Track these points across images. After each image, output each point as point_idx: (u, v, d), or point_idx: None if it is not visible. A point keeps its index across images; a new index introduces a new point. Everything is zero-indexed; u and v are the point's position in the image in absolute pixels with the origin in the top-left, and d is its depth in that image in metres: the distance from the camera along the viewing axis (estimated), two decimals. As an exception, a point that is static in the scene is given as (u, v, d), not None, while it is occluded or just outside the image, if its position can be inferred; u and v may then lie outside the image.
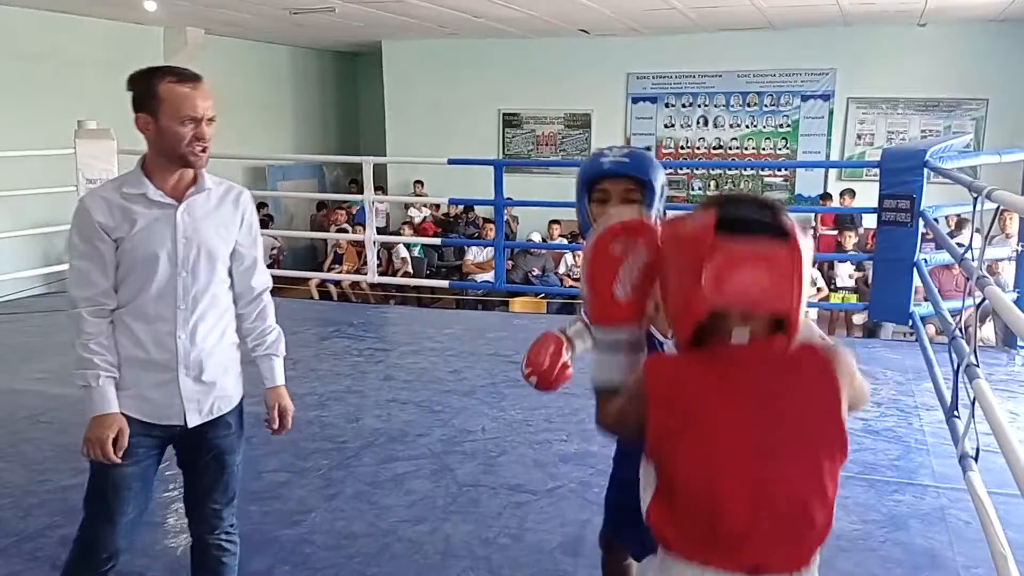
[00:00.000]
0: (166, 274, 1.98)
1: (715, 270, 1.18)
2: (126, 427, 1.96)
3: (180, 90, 1.95)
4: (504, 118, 12.03)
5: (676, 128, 11.30)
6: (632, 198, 1.77)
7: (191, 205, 2.02)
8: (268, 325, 2.19)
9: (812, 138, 10.79)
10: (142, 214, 1.97)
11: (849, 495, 3.35)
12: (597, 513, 3.15)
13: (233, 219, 2.09)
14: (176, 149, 1.97)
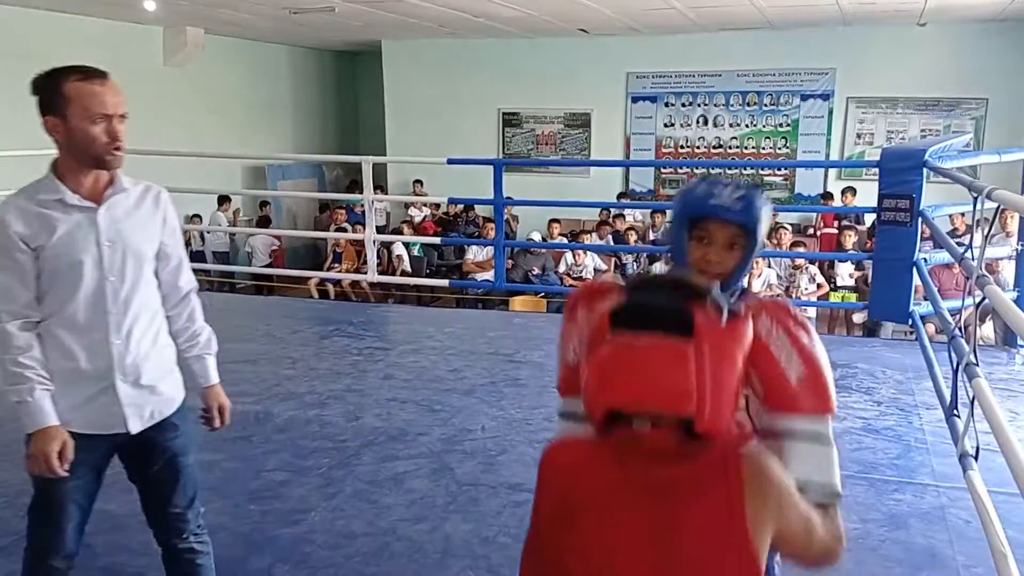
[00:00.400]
0: (93, 280, 1.91)
1: (598, 367, 1.07)
2: (70, 439, 1.91)
3: (88, 88, 1.86)
4: (504, 117, 12.03)
5: (676, 127, 11.30)
6: (736, 243, 1.65)
7: (111, 206, 1.95)
8: (199, 325, 2.15)
9: (812, 137, 10.79)
10: (61, 220, 1.89)
11: (849, 494, 3.34)
12: (597, 512, 3.16)
13: (154, 218, 2.03)
14: (89, 150, 1.88)
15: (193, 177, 9.05)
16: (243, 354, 5.19)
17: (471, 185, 8.84)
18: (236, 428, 3.95)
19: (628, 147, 11.51)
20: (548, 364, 5.10)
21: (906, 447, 3.86)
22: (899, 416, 4.25)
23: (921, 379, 4.65)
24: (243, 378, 4.71)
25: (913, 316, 5.40)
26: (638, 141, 11.44)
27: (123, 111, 1.90)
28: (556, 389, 1.61)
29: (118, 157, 1.91)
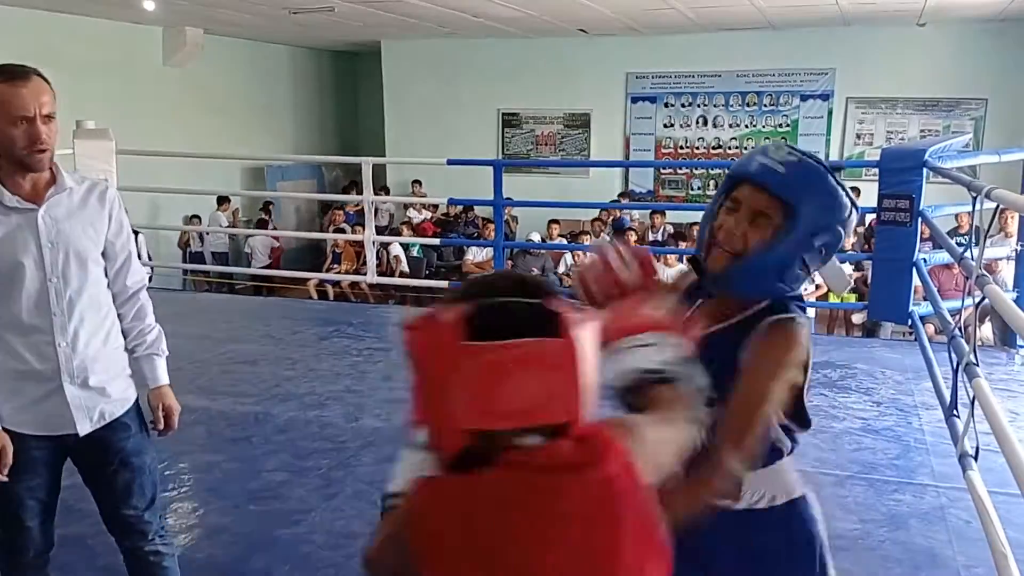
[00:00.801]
0: (35, 282, 1.89)
1: (468, 388, 0.89)
2: (9, 444, 1.89)
3: (8, 90, 1.81)
4: (503, 118, 12.03)
5: (675, 128, 11.31)
6: (762, 217, 1.38)
7: (52, 207, 1.92)
8: (147, 324, 2.11)
9: (811, 138, 10.79)
10: (0, 222, 1.88)
11: (848, 494, 3.35)
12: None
13: (100, 217, 1.99)
14: (12, 153, 1.85)
15: (192, 178, 9.06)
16: (242, 355, 5.18)
17: (470, 186, 8.84)
18: (236, 429, 3.96)
19: (628, 148, 11.51)
20: (548, 365, 5.10)
21: (906, 447, 3.86)
22: (898, 416, 4.25)
23: (920, 379, 4.64)
24: (243, 379, 4.71)
25: (913, 316, 5.40)
26: (638, 141, 11.45)
27: (48, 111, 1.85)
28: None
29: (41, 159, 1.87)
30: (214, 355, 5.08)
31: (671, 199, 11.40)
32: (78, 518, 2.60)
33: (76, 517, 2.04)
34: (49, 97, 1.85)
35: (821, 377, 4.87)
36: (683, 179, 11.40)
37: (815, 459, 3.66)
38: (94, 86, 8.64)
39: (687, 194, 11.36)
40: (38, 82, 1.84)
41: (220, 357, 5.08)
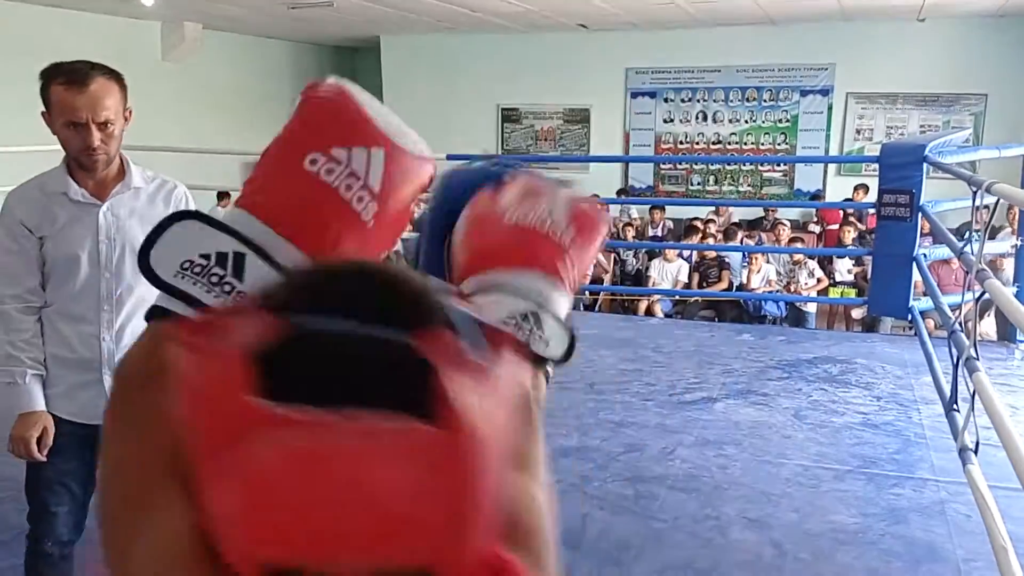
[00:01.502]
0: (88, 275, 1.94)
1: (253, 491, 0.42)
2: (51, 425, 1.94)
3: (64, 95, 1.86)
4: (503, 113, 12.02)
5: (675, 123, 11.29)
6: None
7: (115, 204, 1.98)
8: None
9: (811, 133, 10.78)
10: (63, 213, 1.93)
11: (848, 489, 3.35)
12: (597, 507, 3.16)
13: (160, 217, 1.98)
14: (69, 152, 1.93)
15: (191, 173, 9.01)
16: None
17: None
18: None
19: (627, 143, 11.51)
20: (547, 359, 5.10)
21: (906, 442, 3.86)
22: (899, 411, 4.25)
23: (920, 374, 4.65)
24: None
25: (913, 311, 5.41)
26: (637, 137, 11.44)
27: (103, 119, 1.88)
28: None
29: (94, 162, 1.92)
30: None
31: (671, 195, 11.40)
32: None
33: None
34: (111, 101, 1.89)
35: (821, 372, 4.87)
36: (683, 174, 11.38)
37: (815, 454, 3.66)
38: (93, 81, 8.64)
39: (687, 189, 11.35)
40: (97, 87, 1.87)
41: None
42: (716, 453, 3.66)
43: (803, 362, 5.07)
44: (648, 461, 3.58)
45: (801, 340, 5.77)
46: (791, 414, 4.16)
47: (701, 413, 4.16)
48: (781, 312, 7.59)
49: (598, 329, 6.00)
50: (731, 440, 3.80)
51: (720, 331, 6.17)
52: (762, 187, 11.10)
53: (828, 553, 2.87)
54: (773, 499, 3.22)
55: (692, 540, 2.92)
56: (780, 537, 2.94)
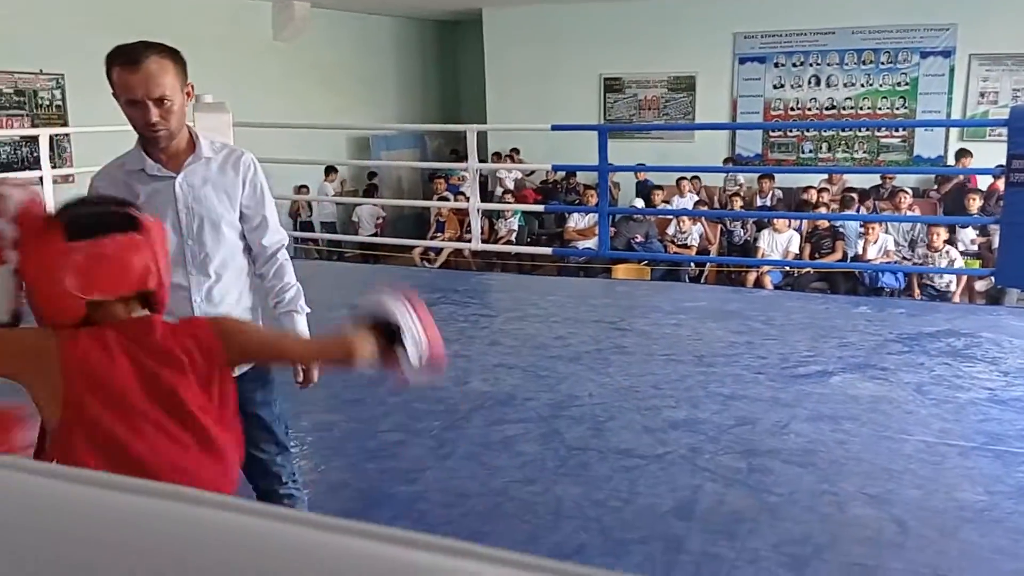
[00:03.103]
0: (175, 244, 2.02)
1: (78, 270, 1.40)
2: None
3: (121, 75, 1.95)
4: (605, 83, 11.89)
5: (786, 89, 10.93)
6: None
7: (189, 174, 2.09)
8: (286, 283, 2.23)
9: (932, 97, 10.28)
10: (143, 189, 2.04)
11: (974, 466, 3.22)
12: (709, 479, 3.13)
13: (235, 183, 2.14)
14: (135, 129, 2.04)
15: (301, 149, 9.30)
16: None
17: (570, 153, 8.79)
18: (352, 391, 4.09)
19: (735, 110, 11.21)
20: (654, 332, 5.06)
21: (1037, 419, 3.68)
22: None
23: (1053, 348, 4.41)
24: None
25: (1044, 283, 5.12)
26: (745, 104, 11.13)
27: (158, 95, 1.96)
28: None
29: (156, 138, 2.02)
30: (328, 320, 5.22)
31: (780, 163, 11.07)
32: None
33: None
34: (166, 79, 1.96)
35: (944, 346, 4.68)
36: (793, 142, 11.03)
37: (939, 430, 3.53)
38: (209, 61, 8.94)
39: (798, 157, 11.01)
40: (152, 65, 1.94)
41: (334, 322, 5.22)
42: (833, 428, 3.56)
43: (925, 335, 4.88)
44: (761, 435, 3.52)
45: (923, 313, 5.54)
46: (913, 389, 4.02)
47: (816, 387, 4.06)
48: (899, 284, 7.31)
49: (705, 301, 5.91)
50: (849, 415, 3.70)
51: (835, 303, 5.98)
52: (879, 153, 10.65)
53: (952, 531, 2.77)
54: (895, 475, 3.12)
55: (809, 515, 2.86)
56: (902, 514, 2.85)
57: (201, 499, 0.42)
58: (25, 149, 8.04)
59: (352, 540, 0.38)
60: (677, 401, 3.92)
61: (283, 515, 0.41)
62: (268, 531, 0.39)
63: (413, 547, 0.38)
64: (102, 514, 0.41)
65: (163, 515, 0.41)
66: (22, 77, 8.10)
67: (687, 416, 3.73)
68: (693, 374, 4.28)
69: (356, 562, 0.38)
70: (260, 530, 0.39)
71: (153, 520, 0.40)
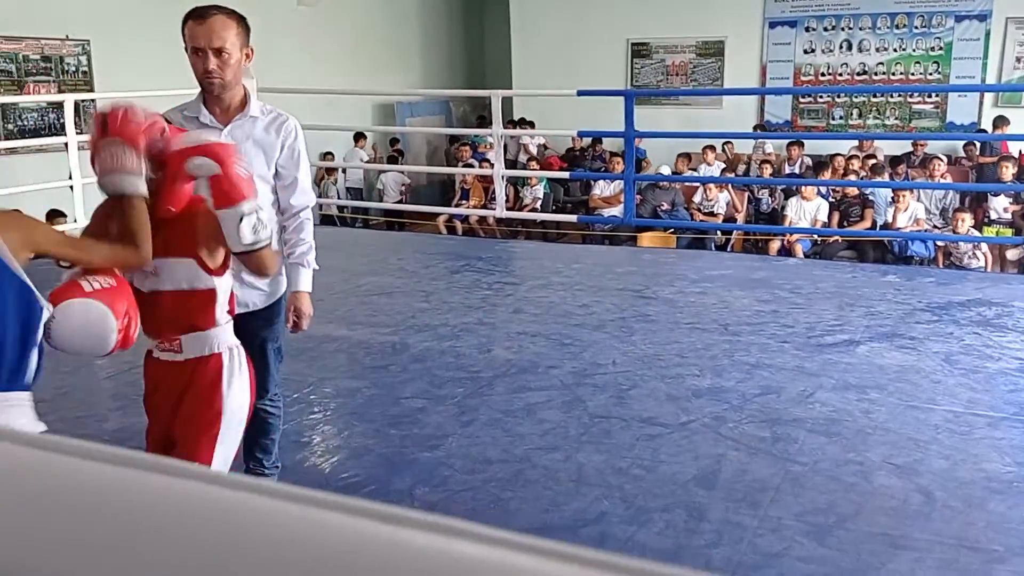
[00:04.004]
0: None
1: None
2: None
3: (190, 27, 2.24)
4: (632, 48, 11.72)
5: (817, 54, 10.72)
6: None
7: (235, 128, 2.35)
8: (301, 238, 2.46)
9: (966, 62, 10.03)
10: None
11: (1003, 437, 3.18)
12: (732, 448, 3.12)
13: (274, 144, 2.39)
14: (196, 76, 2.30)
15: (326, 115, 9.29)
16: (379, 287, 5.34)
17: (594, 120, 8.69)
18: (375, 357, 4.10)
19: (764, 76, 11.02)
20: (679, 301, 5.03)
21: (1068, 390, 3.62)
22: (1061, 357, 3.98)
23: (1087, 319, 4.33)
24: (380, 310, 4.86)
25: (1080, 252, 5.01)
26: (775, 69, 10.93)
27: (217, 45, 2.23)
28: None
29: (211, 84, 2.29)
30: (352, 287, 5.25)
31: (810, 129, 10.89)
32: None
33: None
34: (226, 33, 2.24)
35: (975, 315, 4.61)
36: (824, 107, 10.84)
37: (968, 400, 3.49)
38: (234, 27, 8.93)
39: (827, 124, 10.82)
40: (216, 21, 2.24)
41: (358, 289, 5.25)
42: (859, 397, 3.53)
43: (955, 305, 4.80)
44: (786, 403, 3.49)
45: (953, 282, 5.46)
46: (941, 359, 3.96)
47: (842, 356, 4.02)
48: (930, 253, 7.20)
49: (732, 269, 5.86)
50: (875, 384, 3.66)
51: (863, 272, 5.91)
52: (911, 120, 10.44)
53: (980, 502, 2.74)
54: (921, 445, 3.09)
55: (833, 484, 2.84)
56: (928, 484, 2.83)
57: (173, 469, 0.41)
58: (52, 115, 8.09)
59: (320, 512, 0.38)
60: (701, 370, 3.90)
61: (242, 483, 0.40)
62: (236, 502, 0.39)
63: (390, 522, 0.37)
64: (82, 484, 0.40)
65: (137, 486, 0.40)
66: (48, 43, 8.12)
67: (711, 385, 3.71)
68: (718, 343, 4.25)
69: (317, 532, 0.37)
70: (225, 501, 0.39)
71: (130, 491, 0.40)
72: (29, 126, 8.00)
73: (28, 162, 7.45)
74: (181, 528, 0.37)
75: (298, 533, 0.36)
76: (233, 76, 2.28)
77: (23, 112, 8.01)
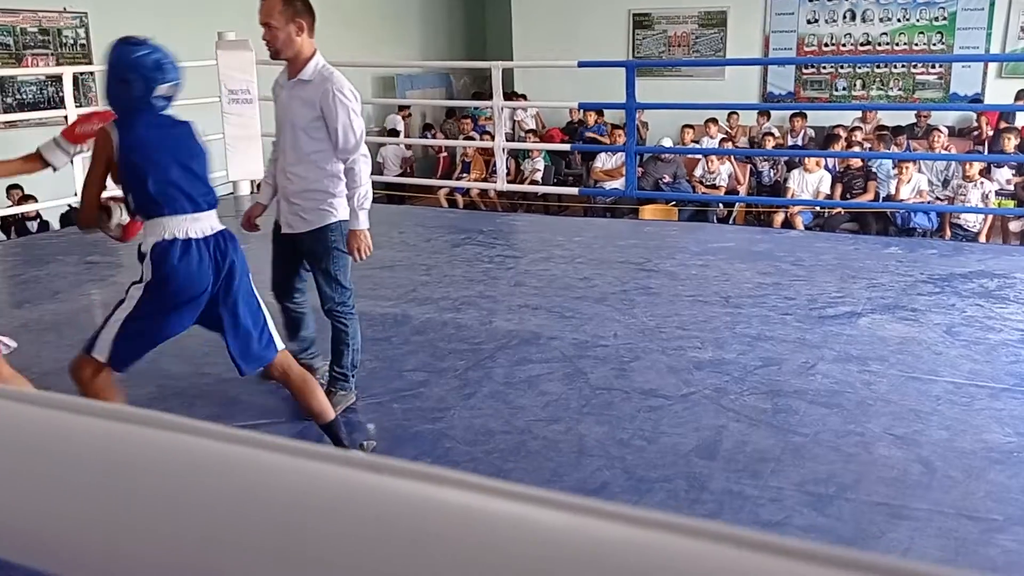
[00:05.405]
0: (279, 132, 3.04)
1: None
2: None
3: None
4: (634, 19, 11.62)
5: (820, 24, 10.63)
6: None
7: (289, 88, 2.98)
8: (354, 182, 2.95)
9: (970, 32, 9.95)
10: (275, 91, 3.09)
11: (1004, 407, 3.19)
12: (733, 420, 3.13)
13: (314, 103, 2.91)
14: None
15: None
16: (380, 261, 5.32)
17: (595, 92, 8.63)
18: (377, 330, 4.11)
19: (767, 47, 10.93)
20: (681, 273, 5.02)
21: (1070, 361, 3.62)
22: (1063, 329, 3.98)
23: (1089, 290, 4.32)
24: (381, 283, 4.86)
25: (1083, 223, 5.00)
26: (778, 40, 10.84)
27: (264, 21, 2.88)
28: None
29: (270, 51, 2.94)
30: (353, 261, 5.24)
31: (813, 101, 10.82)
32: (237, 408, 2.81)
33: (236, 408, 2.20)
34: (273, 11, 2.86)
35: (976, 287, 4.60)
36: (827, 79, 10.76)
37: (969, 371, 3.49)
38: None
39: (831, 95, 10.75)
40: (266, 2, 2.87)
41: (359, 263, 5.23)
42: (860, 369, 3.53)
43: (957, 276, 4.80)
44: (787, 375, 3.50)
45: (955, 253, 5.45)
46: (943, 330, 3.97)
47: (844, 328, 4.02)
48: (932, 225, 7.18)
49: (733, 242, 5.85)
50: (877, 356, 3.66)
51: (865, 244, 5.89)
52: (914, 91, 10.37)
53: (980, 471, 2.75)
54: (922, 416, 3.10)
55: (834, 455, 2.86)
56: (929, 454, 2.84)
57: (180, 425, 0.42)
58: (51, 88, 8.04)
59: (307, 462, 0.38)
60: (703, 342, 3.90)
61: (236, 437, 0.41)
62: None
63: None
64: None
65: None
66: (46, 15, 8.06)
67: (712, 357, 3.72)
68: (719, 315, 4.25)
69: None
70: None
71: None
72: (28, 99, 7.96)
73: (27, 136, 7.41)
74: (178, 480, 0.38)
75: (278, 480, 0.37)
76: (282, 44, 2.88)
77: (22, 85, 7.96)
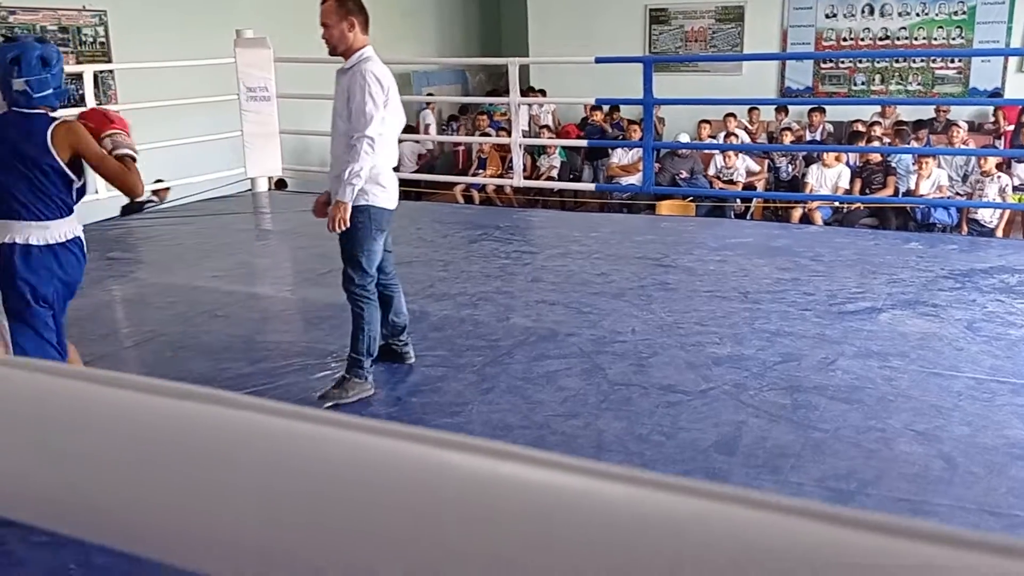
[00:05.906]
0: (334, 117, 3.33)
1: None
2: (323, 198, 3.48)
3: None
4: (651, 14, 11.57)
5: (839, 18, 10.55)
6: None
7: (337, 77, 3.32)
8: (351, 158, 3.15)
9: (990, 26, 9.85)
10: (336, 78, 3.37)
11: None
12: (753, 415, 3.12)
13: (346, 88, 3.22)
14: None
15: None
16: (397, 256, 5.27)
17: (611, 88, 8.61)
18: (395, 325, 4.11)
19: (785, 41, 10.86)
20: (699, 269, 5.01)
21: (1094, 357, 3.58)
22: (1087, 324, 3.94)
23: (1113, 285, 4.28)
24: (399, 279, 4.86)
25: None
26: (796, 35, 10.77)
27: (322, 21, 3.26)
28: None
29: (328, 48, 3.30)
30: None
31: (831, 95, 10.75)
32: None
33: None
34: (329, 12, 3.23)
35: (997, 283, 4.56)
36: (845, 74, 10.68)
37: (990, 367, 3.46)
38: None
39: (849, 90, 10.67)
40: (324, 5, 3.24)
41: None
42: (881, 364, 3.51)
43: (978, 272, 4.76)
44: (807, 371, 3.48)
45: (976, 249, 5.41)
46: (964, 326, 3.94)
47: (864, 323, 3.99)
48: (952, 220, 7.12)
49: (751, 238, 5.82)
50: (897, 352, 3.64)
51: (885, 239, 5.86)
52: (933, 85, 10.28)
53: (1002, 467, 2.73)
54: (943, 412, 3.08)
55: (854, 451, 2.84)
56: (950, 450, 2.82)
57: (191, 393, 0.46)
58: (71, 86, 8.10)
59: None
60: (721, 337, 3.89)
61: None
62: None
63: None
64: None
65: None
66: (66, 14, 8.11)
67: (731, 352, 3.71)
68: (738, 310, 4.23)
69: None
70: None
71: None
72: (48, 97, 8.01)
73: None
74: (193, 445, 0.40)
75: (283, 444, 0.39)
76: (337, 41, 3.23)
77: (42, 83, 8.02)
